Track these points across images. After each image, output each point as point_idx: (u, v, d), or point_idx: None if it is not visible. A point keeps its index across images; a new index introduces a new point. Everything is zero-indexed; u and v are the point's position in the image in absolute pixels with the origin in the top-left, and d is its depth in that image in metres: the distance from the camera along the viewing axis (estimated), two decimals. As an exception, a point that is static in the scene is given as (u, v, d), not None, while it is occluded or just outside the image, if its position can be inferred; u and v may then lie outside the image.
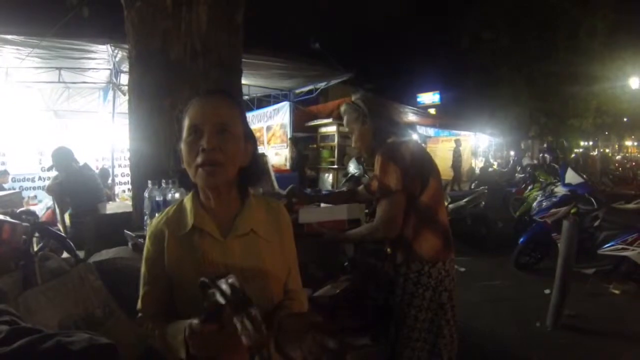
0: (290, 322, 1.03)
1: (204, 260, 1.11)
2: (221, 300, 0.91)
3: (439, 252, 1.91)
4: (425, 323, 1.89)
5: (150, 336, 1.14)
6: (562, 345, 3.50)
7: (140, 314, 1.20)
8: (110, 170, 7.62)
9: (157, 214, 1.31)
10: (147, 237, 1.20)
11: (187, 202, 1.19)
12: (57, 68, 7.82)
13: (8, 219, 1.76)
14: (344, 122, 2.15)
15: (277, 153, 10.04)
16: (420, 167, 1.92)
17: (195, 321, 0.95)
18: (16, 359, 0.71)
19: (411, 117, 13.76)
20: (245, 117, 1.20)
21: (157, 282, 1.16)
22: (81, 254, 2.20)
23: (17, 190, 6.44)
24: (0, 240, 1.61)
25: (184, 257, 1.12)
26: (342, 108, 2.15)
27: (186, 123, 1.11)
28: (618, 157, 25.14)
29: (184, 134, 1.11)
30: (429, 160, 2.02)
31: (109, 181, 7.28)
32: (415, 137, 12.30)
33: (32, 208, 5.26)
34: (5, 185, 6.93)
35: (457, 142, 14.12)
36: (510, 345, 3.53)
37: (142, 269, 1.19)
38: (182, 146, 1.11)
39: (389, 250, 2.00)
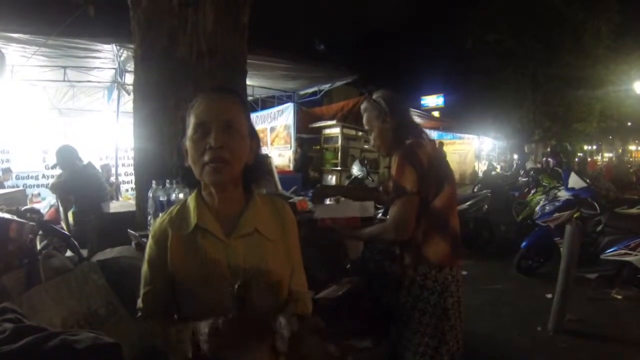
0: (292, 324, 1.03)
1: (207, 260, 1.10)
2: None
3: (447, 258, 1.90)
4: (429, 328, 1.87)
5: (151, 335, 1.14)
6: (563, 349, 3.50)
7: (140, 313, 1.20)
8: (114, 169, 7.64)
9: (160, 214, 1.32)
10: (150, 237, 1.20)
11: (191, 201, 1.18)
12: (62, 67, 7.85)
13: (15, 218, 1.77)
14: (364, 120, 2.12)
15: (280, 154, 10.04)
16: (437, 171, 1.90)
17: (220, 320, 0.96)
18: (21, 357, 0.71)
19: (415, 119, 13.71)
20: (249, 115, 1.20)
21: (159, 281, 1.16)
22: (84, 252, 2.20)
23: (21, 187, 6.47)
24: (7, 238, 1.61)
25: (187, 257, 1.12)
26: (363, 105, 2.12)
27: (192, 120, 1.10)
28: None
29: (190, 131, 1.10)
30: (446, 165, 2.01)
31: (112, 179, 7.29)
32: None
33: (35, 206, 5.27)
34: (9, 183, 6.96)
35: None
36: (511, 349, 3.53)
37: (144, 268, 1.19)
38: (188, 143, 1.11)
39: (397, 251, 1.99)
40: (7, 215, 1.79)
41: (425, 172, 1.84)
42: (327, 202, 2.54)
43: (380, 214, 2.64)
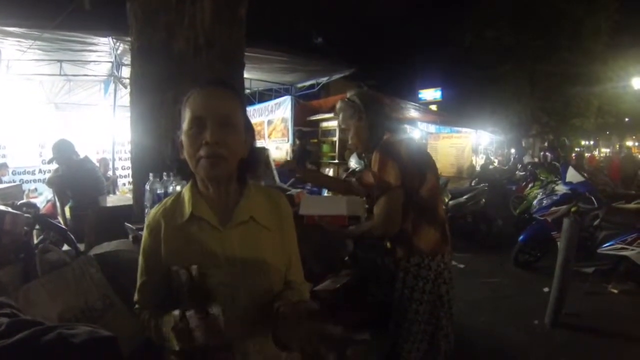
0: (287, 311, 1.02)
1: (202, 250, 1.10)
2: (184, 294, 0.92)
3: (438, 245, 1.94)
4: (425, 315, 1.91)
5: (146, 327, 1.14)
6: (560, 343, 3.51)
7: (137, 305, 1.20)
8: (111, 163, 7.61)
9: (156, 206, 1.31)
10: (144, 228, 1.20)
11: (186, 192, 1.18)
12: (58, 60, 7.80)
13: (10, 209, 1.76)
14: (340, 119, 2.16)
15: (278, 147, 10.02)
16: (418, 162, 1.94)
17: (176, 312, 0.96)
18: (17, 352, 0.71)
19: (412, 113, 13.68)
20: (245, 108, 1.20)
21: (155, 273, 1.16)
22: (81, 246, 2.19)
23: (18, 183, 6.44)
24: (2, 231, 1.60)
25: (182, 248, 1.12)
26: (338, 105, 2.15)
27: (187, 114, 1.09)
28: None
29: (185, 125, 1.09)
30: (426, 156, 2.05)
31: (109, 173, 7.26)
32: (417, 133, 12.19)
33: (32, 201, 5.25)
34: (5, 178, 6.93)
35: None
36: (508, 342, 3.54)
37: (140, 260, 1.19)
38: (183, 138, 1.10)
39: (388, 245, 2.00)
40: (1, 207, 1.78)
41: (406, 164, 1.88)
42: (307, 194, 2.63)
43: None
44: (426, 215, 1.93)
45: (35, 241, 2.08)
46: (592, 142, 33.77)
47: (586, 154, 23.06)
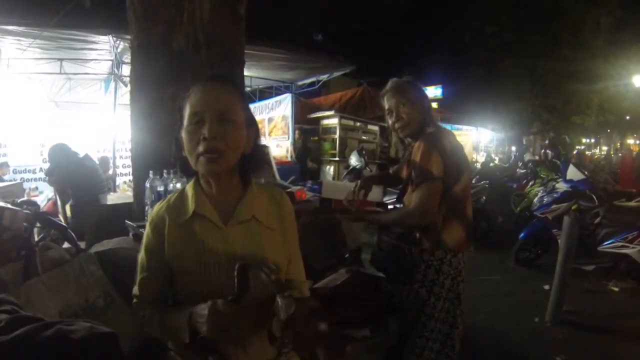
0: (289, 307, 1.03)
1: (205, 246, 1.11)
2: (268, 282, 0.98)
3: (462, 244, 1.96)
4: (442, 313, 1.92)
5: (146, 322, 1.15)
6: (560, 340, 3.51)
7: (135, 300, 1.21)
8: (112, 161, 7.60)
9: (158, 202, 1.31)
10: (147, 224, 1.20)
11: (189, 189, 1.19)
12: (58, 59, 7.80)
13: (9, 205, 1.76)
14: (395, 94, 2.05)
15: (278, 145, 10.00)
16: (458, 161, 1.94)
17: (220, 301, 0.98)
18: (17, 348, 0.71)
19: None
20: (247, 104, 1.20)
21: (156, 268, 1.17)
22: (82, 244, 2.19)
23: (18, 181, 6.44)
24: (1, 226, 1.60)
25: (185, 244, 1.12)
26: (397, 82, 2.09)
27: (187, 111, 1.10)
28: (620, 155, 24.86)
29: (185, 122, 1.10)
30: (465, 156, 2.05)
31: (110, 172, 7.25)
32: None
33: (33, 199, 5.25)
34: (6, 177, 6.93)
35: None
36: (508, 340, 3.54)
37: (141, 255, 1.19)
38: (184, 134, 1.11)
39: (417, 235, 1.99)
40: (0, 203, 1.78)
41: (448, 159, 1.88)
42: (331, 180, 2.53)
43: (390, 200, 2.63)
44: (456, 212, 1.95)
45: (36, 239, 2.08)
46: (593, 140, 33.74)
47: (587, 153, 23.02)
